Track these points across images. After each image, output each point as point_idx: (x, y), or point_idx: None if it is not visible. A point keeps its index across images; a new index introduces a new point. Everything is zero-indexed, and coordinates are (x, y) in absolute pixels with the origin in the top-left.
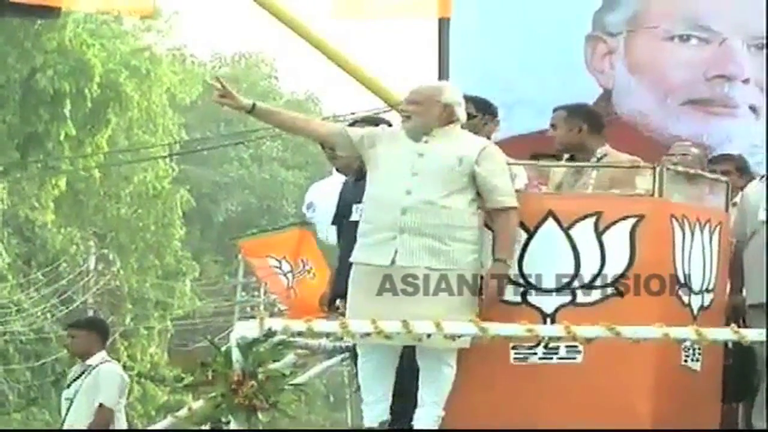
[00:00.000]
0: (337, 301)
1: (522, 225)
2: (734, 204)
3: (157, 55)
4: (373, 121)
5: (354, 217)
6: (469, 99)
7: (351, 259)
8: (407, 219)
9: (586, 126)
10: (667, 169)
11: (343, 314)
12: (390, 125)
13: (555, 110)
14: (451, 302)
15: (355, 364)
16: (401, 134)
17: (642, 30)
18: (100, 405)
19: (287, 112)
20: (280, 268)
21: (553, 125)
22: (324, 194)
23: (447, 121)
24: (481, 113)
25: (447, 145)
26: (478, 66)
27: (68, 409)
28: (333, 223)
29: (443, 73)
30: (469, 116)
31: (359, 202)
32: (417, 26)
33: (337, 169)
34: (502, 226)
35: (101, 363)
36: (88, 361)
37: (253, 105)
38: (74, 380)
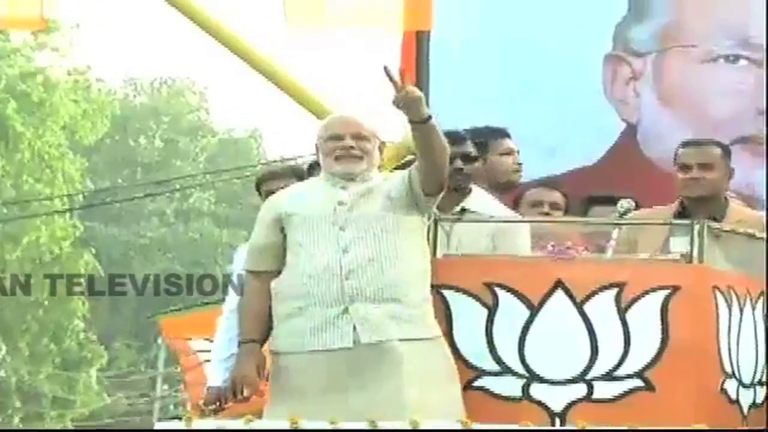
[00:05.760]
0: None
1: (524, 298)
2: None
3: (53, 80)
4: None
5: None
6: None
7: (288, 348)
8: (353, 284)
9: (732, 171)
10: (709, 227)
11: None
12: None
13: (701, 144)
14: (435, 377)
15: None
16: (317, 182)
17: (677, 48)
18: None
19: None
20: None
21: (705, 164)
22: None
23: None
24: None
25: (361, 184)
26: (465, 92)
27: None
28: None
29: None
30: (473, 158)
31: None
32: (381, 39)
33: None
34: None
35: None
36: None
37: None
38: None
